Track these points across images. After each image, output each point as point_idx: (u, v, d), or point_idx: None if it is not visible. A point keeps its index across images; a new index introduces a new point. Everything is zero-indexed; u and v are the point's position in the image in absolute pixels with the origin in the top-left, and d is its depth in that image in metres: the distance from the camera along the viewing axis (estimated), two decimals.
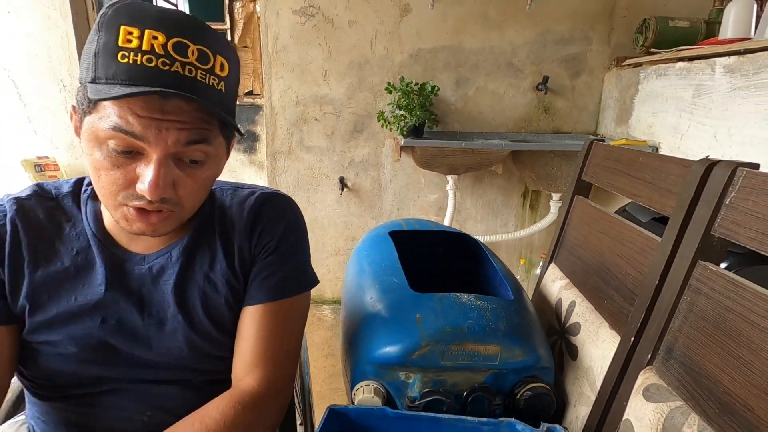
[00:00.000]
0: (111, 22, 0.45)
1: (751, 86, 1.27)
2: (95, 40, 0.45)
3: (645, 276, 0.64)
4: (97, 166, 0.48)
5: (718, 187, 0.52)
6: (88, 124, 0.47)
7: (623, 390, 0.62)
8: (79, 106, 0.48)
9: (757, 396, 0.44)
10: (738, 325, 0.47)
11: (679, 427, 0.50)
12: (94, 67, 0.45)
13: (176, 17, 0.47)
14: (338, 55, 2.11)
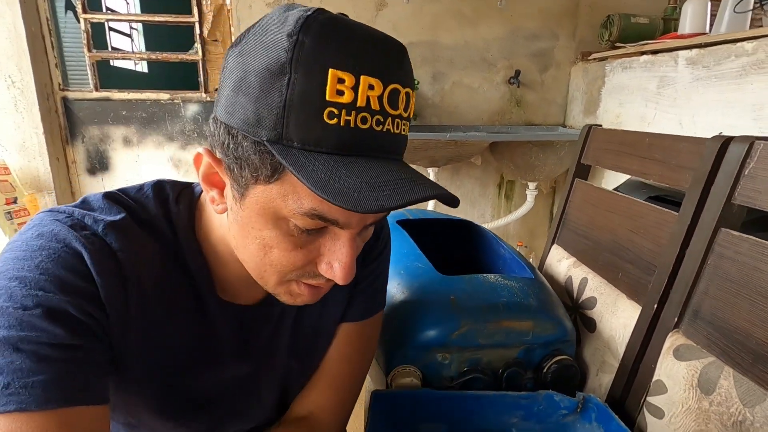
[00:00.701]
0: (313, 59, 0.32)
1: (712, 77, 1.39)
2: (285, 83, 0.32)
3: (663, 247, 0.68)
4: (269, 243, 0.38)
5: (737, 159, 0.57)
6: (263, 197, 0.36)
7: (650, 353, 0.66)
8: (233, 162, 0.36)
9: None
10: (767, 281, 0.52)
11: (715, 380, 0.55)
12: (282, 123, 0.33)
13: (386, 47, 0.35)
14: None
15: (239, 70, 0.34)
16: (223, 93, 0.36)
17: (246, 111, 0.34)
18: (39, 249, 0.36)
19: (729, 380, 0.53)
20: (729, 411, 0.52)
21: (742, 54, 1.28)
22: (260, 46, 0.34)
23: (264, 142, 0.34)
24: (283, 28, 0.33)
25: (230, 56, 0.37)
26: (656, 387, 0.63)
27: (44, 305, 0.34)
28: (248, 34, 0.36)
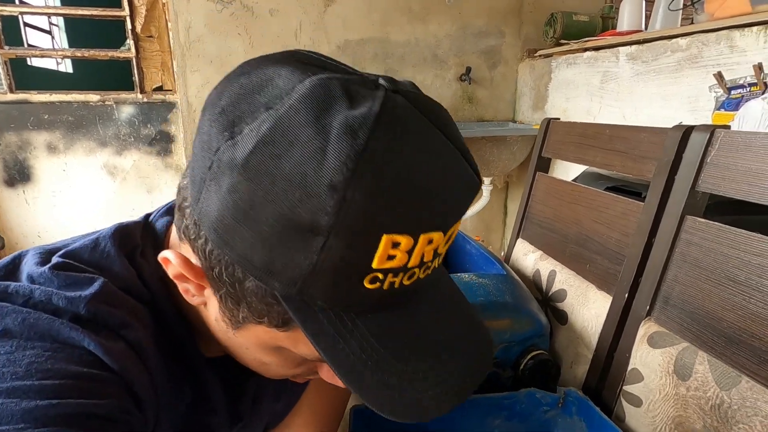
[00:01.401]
0: (363, 225, 0.24)
1: (651, 71, 1.47)
2: (318, 247, 0.24)
3: (630, 237, 0.69)
4: (266, 362, 0.35)
5: (699, 147, 0.59)
6: (266, 336, 0.31)
7: (624, 342, 0.67)
8: (226, 293, 0.29)
9: (761, 323, 0.50)
10: (734, 265, 0.53)
11: (691, 366, 0.56)
12: (305, 282, 0.25)
13: (459, 188, 0.27)
14: (261, 46, 1.99)
15: (242, 195, 0.24)
16: (207, 202, 0.26)
17: (251, 250, 0.25)
18: (18, 350, 0.27)
19: (704, 365, 0.54)
20: (706, 395, 0.53)
21: (677, 49, 1.36)
22: (285, 183, 0.23)
23: (276, 294, 0.27)
24: (322, 165, 0.23)
25: (216, 153, 0.25)
26: (632, 376, 0.64)
27: (66, 415, 0.26)
28: (247, 129, 0.25)
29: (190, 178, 0.29)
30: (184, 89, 1.98)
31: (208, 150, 0.26)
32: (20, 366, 0.27)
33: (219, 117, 0.26)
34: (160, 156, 2.15)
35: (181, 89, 1.98)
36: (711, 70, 1.21)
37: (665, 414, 0.58)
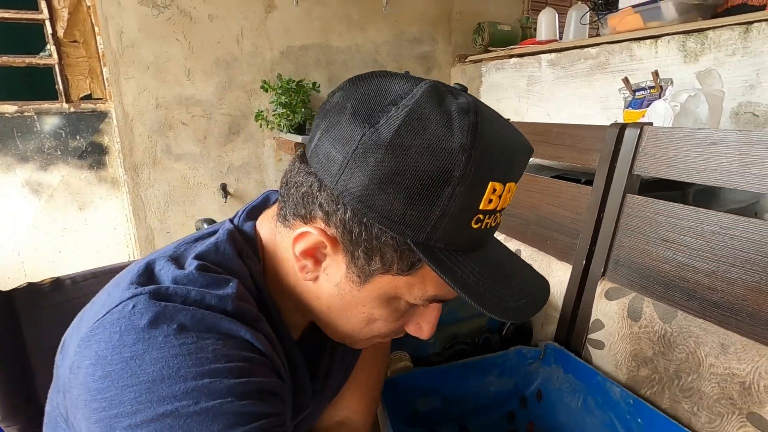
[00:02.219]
0: (480, 175, 0.33)
1: (569, 76, 1.71)
2: (445, 195, 0.32)
3: (582, 215, 0.85)
4: (376, 317, 0.40)
5: (633, 140, 0.76)
6: (389, 285, 0.37)
7: (585, 299, 0.83)
8: (361, 251, 0.35)
9: (687, 270, 0.67)
10: (664, 228, 0.70)
11: (640, 309, 0.72)
12: (432, 228, 0.33)
13: (525, 152, 0.37)
14: (201, 52, 1.95)
15: (388, 165, 0.32)
16: (352, 178, 0.33)
17: (391, 208, 0.33)
18: (198, 341, 0.33)
19: (650, 307, 0.71)
20: (653, 329, 0.70)
21: (588, 57, 1.61)
22: (425, 150, 0.32)
23: (408, 241, 0.34)
24: (451, 133, 0.32)
25: (360, 138, 0.33)
26: (595, 325, 0.80)
27: (253, 391, 0.33)
28: (385, 119, 0.33)
29: (321, 171, 0.35)
30: (118, 97, 1.87)
31: (349, 140, 0.33)
32: (208, 353, 0.32)
33: (354, 116, 0.33)
34: (93, 169, 2.01)
35: (115, 97, 1.87)
36: (617, 75, 1.46)
37: (624, 350, 0.74)
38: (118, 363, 0.31)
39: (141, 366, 0.31)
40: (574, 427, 0.75)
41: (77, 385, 0.33)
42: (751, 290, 0.59)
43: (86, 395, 0.32)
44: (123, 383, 0.31)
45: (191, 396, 0.31)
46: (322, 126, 0.36)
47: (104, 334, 0.33)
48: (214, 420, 0.31)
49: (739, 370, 0.59)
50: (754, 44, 1.13)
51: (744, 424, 0.58)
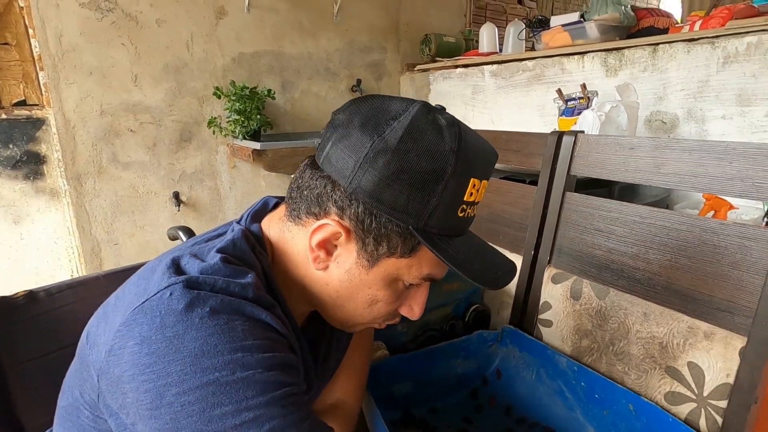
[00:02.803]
0: (465, 171, 0.41)
1: (509, 86, 1.87)
2: (439, 189, 0.41)
3: (529, 211, 0.97)
4: (378, 299, 0.47)
5: (569, 146, 0.88)
6: (392, 267, 0.44)
7: (535, 285, 0.94)
8: (371, 237, 0.43)
9: (615, 254, 0.80)
10: (597, 220, 0.83)
11: (580, 290, 0.84)
12: (428, 215, 0.41)
13: (494, 156, 0.47)
14: (149, 58, 1.90)
15: (395, 166, 0.40)
16: (364, 178, 0.41)
17: (397, 200, 0.41)
18: (229, 322, 0.38)
19: (588, 288, 0.83)
20: (591, 306, 0.82)
21: (526, 69, 1.77)
22: (423, 153, 0.40)
23: (410, 228, 0.42)
24: (443, 140, 0.41)
25: (370, 146, 0.40)
26: (544, 306, 0.91)
27: (277, 364, 0.39)
28: (389, 130, 0.41)
29: (334, 174, 0.43)
30: (58, 104, 1.78)
31: (360, 147, 0.41)
32: (238, 332, 0.38)
33: (363, 129, 0.42)
34: (29, 180, 1.88)
35: (54, 104, 1.78)
36: (552, 85, 1.63)
37: (568, 326, 0.86)
38: (162, 341, 0.36)
39: (183, 343, 0.36)
40: (529, 398, 0.86)
41: (121, 364, 0.37)
42: (665, 267, 0.73)
43: (133, 370, 0.36)
44: (169, 358, 0.36)
45: (228, 367, 0.36)
46: (333, 138, 0.44)
47: (146, 318, 0.38)
48: (248, 387, 0.36)
49: (658, 333, 0.72)
50: (660, 62, 1.33)
51: (663, 376, 0.71)
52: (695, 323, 0.68)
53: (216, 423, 0.35)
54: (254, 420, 0.36)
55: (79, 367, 0.45)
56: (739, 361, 0.63)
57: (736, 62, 1.16)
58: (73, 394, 0.45)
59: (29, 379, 0.70)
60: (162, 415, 0.35)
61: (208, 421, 0.35)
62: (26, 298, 0.72)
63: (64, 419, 0.47)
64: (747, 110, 1.16)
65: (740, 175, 0.64)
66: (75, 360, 0.48)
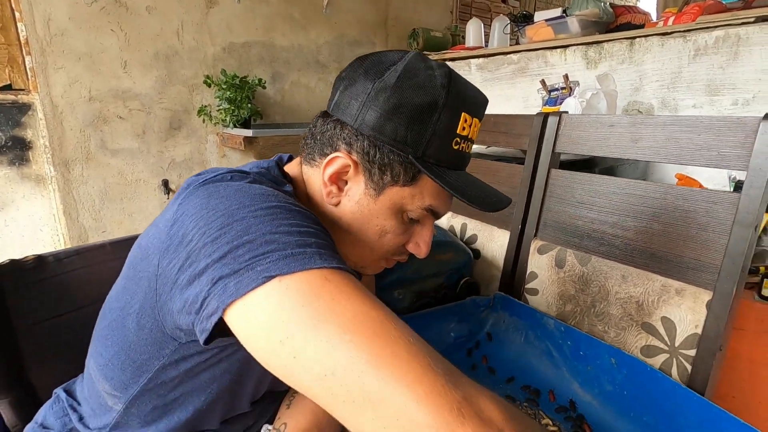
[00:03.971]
0: (455, 105, 0.46)
1: (495, 78, 1.94)
2: (433, 120, 0.45)
3: (517, 188, 1.03)
4: (387, 230, 0.50)
5: (554, 126, 0.94)
6: (396, 195, 0.48)
7: (522, 256, 1.00)
8: (386, 174, 0.47)
9: (596, 223, 0.86)
10: (579, 193, 0.90)
11: (564, 259, 0.91)
12: (426, 145, 0.46)
13: (484, 99, 0.50)
14: (139, 45, 1.90)
15: (393, 101, 0.45)
16: (368, 114, 0.46)
17: (397, 132, 0.46)
18: (277, 192, 0.43)
19: (571, 256, 0.90)
20: (574, 272, 0.88)
21: (511, 63, 1.85)
22: (417, 89, 0.45)
23: (410, 156, 0.46)
24: (435, 77, 0.46)
25: (372, 86, 0.45)
26: (530, 276, 0.97)
27: (301, 214, 0.41)
28: (388, 73, 0.46)
29: (342, 116, 0.48)
30: (46, 88, 1.76)
31: (363, 90, 0.46)
32: (290, 200, 0.42)
33: (366, 75, 0.47)
34: (14, 166, 1.86)
35: (42, 89, 1.76)
36: (535, 78, 1.71)
37: (553, 293, 0.92)
38: (227, 190, 0.41)
39: (246, 190, 0.41)
40: (519, 358, 0.92)
41: (186, 220, 0.40)
42: (641, 233, 0.80)
43: (202, 212, 0.39)
44: (238, 196, 0.40)
45: (286, 205, 0.41)
46: (341, 87, 0.49)
47: (204, 192, 0.42)
48: (306, 217, 0.41)
49: (635, 293, 0.79)
50: (637, 55, 1.42)
51: (639, 331, 0.77)
52: (668, 282, 0.75)
53: (283, 226, 0.37)
54: (313, 234, 0.38)
55: (125, 283, 0.48)
56: (706, 313, 0.70)
57: (705, 54, 1.25)
58: (117, 310, 0.48)
59: (39, 340, 0.72)
60: (233, 228, 0.37)
61: (277, 225, 0.37)
62: (35, 262, 0.74)
63: (105, 337, 0.50)
64: (715, 99, 1.25)
65: (707, 145, 0.71)
66: (118, 281, 0.51)
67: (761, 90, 1.16)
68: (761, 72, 1.16)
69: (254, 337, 0.35)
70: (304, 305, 0.33)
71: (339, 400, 0.31)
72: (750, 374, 0.98)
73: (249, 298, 0.34)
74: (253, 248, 0.35)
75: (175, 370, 0.46)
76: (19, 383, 0.70)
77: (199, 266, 0.37)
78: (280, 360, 0.33)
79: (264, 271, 0.34)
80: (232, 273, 0.35)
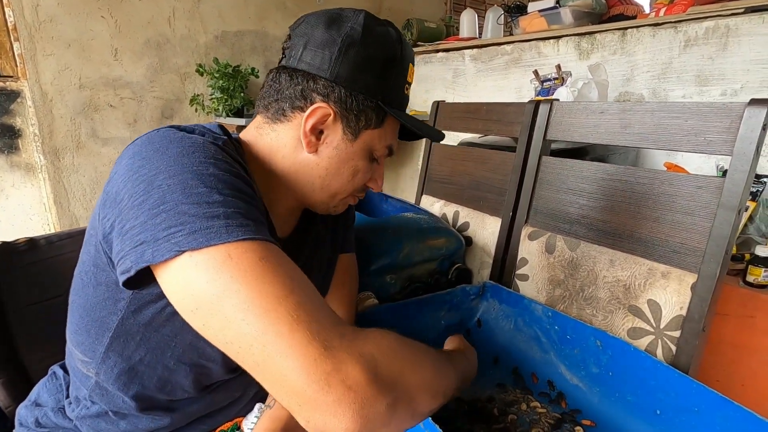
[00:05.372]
0: (406, 57, 0.54)
1: (488, 69, 1.95)
2: (395, 70, 0.54)
3: (508, 176, 1.04)
4: (359, 170, 0.56)
5: (545, 113, 0.95)
6: (369, 138, 0.54)
7: (513, 243, 1.02)
8: (360, 119, 0.53)
9: (586, 209, 0.88)
10: (569, 180, 0.91)
11: (554, 244, 0.92)
12: (389, 92, 0.54)
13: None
14: (130, 32, 1.88)
15: (363, 55, 0.51)
16: (341, 67, 0.51)
17: (367, 82, 0.52)
18: (209, 145, 0.44)
19: (561, 242, 0.91)
20: (564, 257, 0.90)
21: (504, 53, 1.85)
22: (381, 44, 0.52)
23: (379, 102, 0.53)
24: (390, 35, 0.53)
25: (341, 42, 0.50)
26: (521, 262, 0.99)
27: (216, 177, 0.41)
28: (350, 30, 0.51)
29: (313, 69, 0.51)
30: (35, 75, 1.74)
31: (332, 43, 0.51)
32: (218, 155, 0.44)
33: (328, 29, 0.51)
34: (3, 154, 1.84)
35: (31, 75, 1.74)
36: (528, 68, 1.71)
37: (543, 278, 0.94)
38: (150, 150, 0.43)
39: (168, 149, 0.42)
40: (508, 345, 0.93)
41: (117, 180, 0.42)
42: (628, 218, 0.81)
43: (127, 175, 0.42)
44: (156, 158, 0.42)
45: (204, 165, 0.42)
46: (300, 44, 0.52)
47: (135, 143, 0.45)
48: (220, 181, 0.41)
49: (622, 277, 0.80)
50: (629, 45, 1.43)
51: (626, 314, 0.79)
52: (654, 265, 0.76)
53: (193, 198, 0.39)
54: (222, 204, 0.39)
55: (84, 248, 0.50)
56: (691, 295, 0.71)
57: (695, 45, 1.27)
58: (79, 276, 0.50)
59: (31, 322, 0.72)
60: (152, 196, 0.39)
61: (188, 196, 0.39)
62: (27, 245, 0.74)
63: (72, 303, 0.53)
64: (705, 90, 1.27)
65: (695, 131, 0.72)
66: (83, 246, 0.52)
67: (749, 80, 1.18)
68: (749, 62, 1.17)
69: (173, 299, 0.39)
70: (208, 281, 0.36)
71: (242, 362, 0.37)
72: (733, 359, 1.00)
73: (165, 267, 0.38)
74: (168, 218, 0.38)
75: (135, 324, 0.48)
76: (11, 364, 0.70)
77: (126, 225, 0.40)
78: (195, 323, 0.38)
79: (176, 245, 0.37)
80: (152, 240, 0.38)
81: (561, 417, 0.72)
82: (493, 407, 0.75)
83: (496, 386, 0.81)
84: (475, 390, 0.80)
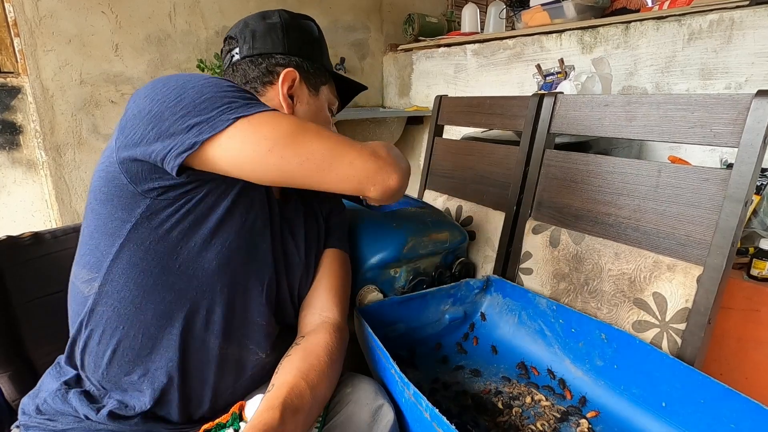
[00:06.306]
0: (323, 37, 0.74)
1: (490, 64, 1.94)
2: (322, 46, 0.73)
3: (511, 170, 1.04)
4: (328, 120, 0.72)
5: (549, 107, 0.95)
6: (325, 92, 0.71)
7: (517, 237, 1.01)
8: (315, 78, 0.69)
9: (591, 203, 0.87)
10: (573, 173, 0.90)
11: (558, 238, 0.92)
12: (324, 59, 0.72)
13: None
14: (130, 27, 1.87)
15: (299, 33, 0.68)
16: (289, 43, 0.66)
17: (310, 52, 0.69)
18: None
19: (565, 235, 0.91)
20: (568, 251, 0.90)
21: (507, 48, 1.84)
22: (309, 28, 0.70)
23: (323, 66, 0.71)
24: (308, 21, 0.71)
25: (280, 27, 0.67)
26: (525, 256, 0.98)
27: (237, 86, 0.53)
28: (280, 20, 0.67)
29: (269, 50, 0.66)
30: (35, 71, 1.73)
31: (275, 30, 0.67)
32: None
33: (267, 22, 0.67)
34: (4, 150, 1.83)
35: (32, 71, 1.73)
36: (531, 63, 1.71)
37: (547, 272, 0.94)
38: (167, 80, 0.50)
39: (185, 76, 0.51)
40: (512, 338, 0.93)
41: (138, 105, 0.49)
42: (633, 211, 0.81)
43: (152, 92, 0.49)
44: (178, 77, 0.51)
45: (220, 80, 0.52)
46: (245, 38, 0.67)
47: (147, 85, 0.52)
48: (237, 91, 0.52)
49: (627, 270, 0.80)
50: (632, 39, 1.42)
51: (631, 307, 0.79)
52: (659, 258, 0.76)
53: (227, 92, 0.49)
54: (252, 98, 0.51)
55: (97, 172, 0.55)
56: (696, 288, 0.71)
57: (699, 38, 1.26)
58: (87, 210, 0.56)
59: (36, 316, 0.72)
60: (188, 94, 0.48)
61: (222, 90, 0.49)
62: (32, 239, 0.74)
63: (82, 234, 0.57)
64: (708, 83, 1.26)
65: (701, 123, 0.72)
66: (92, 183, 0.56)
67: (754, 73, 1.17)
68: (754, 56, 1.17)
69: (242, 156, 0.48)
70: (275, 126, 0.49)
71: (310, 173, 0.51)
72: (738, 352, 1.00)
73: (226, 134, 0.47)
74: (213, 102, 0.47)
75: (147, 229, 0.52)
76: (17, 358, 0.70)
77: (165, 123, 0.47)
78: (269, 163, 0.49)
79: (231, 114, 0.47)
80: (204, 121, 0.46)
81: (566, 410, 0.73)
82: (497, 401, 0.75)
83: (501, 379, 0.81)
84: (479, 383, 0.80)
